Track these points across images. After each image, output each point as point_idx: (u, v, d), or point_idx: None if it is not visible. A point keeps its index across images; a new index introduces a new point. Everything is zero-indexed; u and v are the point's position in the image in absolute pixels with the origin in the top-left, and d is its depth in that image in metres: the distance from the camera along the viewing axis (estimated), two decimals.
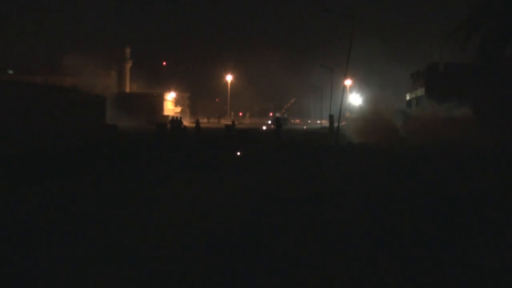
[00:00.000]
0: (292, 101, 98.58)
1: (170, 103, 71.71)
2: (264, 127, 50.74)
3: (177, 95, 75.77)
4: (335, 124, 28.46)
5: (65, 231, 5.72)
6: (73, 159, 13.20)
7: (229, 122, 35.13)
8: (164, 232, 5.79)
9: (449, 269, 4.59)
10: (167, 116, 51.59)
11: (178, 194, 8.60)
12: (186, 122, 53.83)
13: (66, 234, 5.57)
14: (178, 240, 5.46)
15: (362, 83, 54.91)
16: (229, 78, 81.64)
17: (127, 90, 69.65)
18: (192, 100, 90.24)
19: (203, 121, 51.97)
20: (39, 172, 10.67)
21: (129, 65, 69.29)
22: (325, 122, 59.43)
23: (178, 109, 71.18)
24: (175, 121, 29.98)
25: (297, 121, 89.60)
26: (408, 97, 48.98)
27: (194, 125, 34.55)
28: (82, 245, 5.12)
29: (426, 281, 4.28)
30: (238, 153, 17.89)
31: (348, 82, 52.04)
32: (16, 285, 4.06)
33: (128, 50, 68.73)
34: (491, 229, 6.31)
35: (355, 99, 54.68)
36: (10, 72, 60.73)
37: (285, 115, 74.99)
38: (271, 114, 77.05)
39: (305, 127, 61.32)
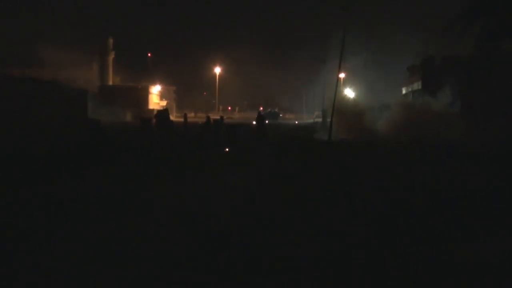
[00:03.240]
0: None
1: (156, 96, 68.85)
2: (254, 122, 49.42)
3: (162, 88, 72.66)
4: (328, 119, 27.43)
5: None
6: (50, 160, 12.36)
7: (217, 117, 33.18)
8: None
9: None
10: (153, 110, 49.37)
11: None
12: (172, 117, 51.44)
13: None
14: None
15: (356, 76, 53.64)
16: (217, 70, 78.73)
17: (110, 83, 66.70)
18: (179, 94, 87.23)
19: (190, 116, 50.43)
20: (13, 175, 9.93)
21: (112, 56, 66.34)
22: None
23: (164, 102, 68.32)
24: (160, 115, 27.62)
25: (286, 115, 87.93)
26: (404, 91, 47.49)
27: (181, 119, 33.69)
28: None
29: None
30: (227, 151, 17.48)
31: (341, 75, 50.29)
32: None
33: (110, 41, 65.73)
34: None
35: (349, 93, 53.00)
36: None
37: (276, 110, 73.51)
38: (261, 108, 74.70)
39: (296, 122, 60.39)
